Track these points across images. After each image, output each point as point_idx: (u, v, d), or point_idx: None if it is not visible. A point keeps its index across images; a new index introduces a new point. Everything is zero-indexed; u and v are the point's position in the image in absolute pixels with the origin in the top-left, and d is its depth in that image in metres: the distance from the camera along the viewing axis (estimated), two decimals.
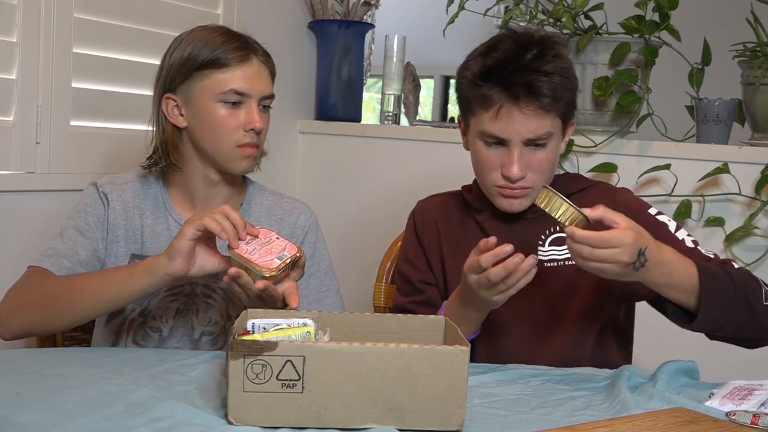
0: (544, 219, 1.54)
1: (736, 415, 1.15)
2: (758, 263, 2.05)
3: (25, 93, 1.92)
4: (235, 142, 1.55)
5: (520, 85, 1.44)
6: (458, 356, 1.07)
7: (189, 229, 1.36)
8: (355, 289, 2.21)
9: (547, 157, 1.50)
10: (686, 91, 2.20)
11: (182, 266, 1.37)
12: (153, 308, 1.59)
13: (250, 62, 1.56)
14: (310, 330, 1.15)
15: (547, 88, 1.44)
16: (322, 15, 2.71)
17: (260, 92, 1.56)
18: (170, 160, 1.60)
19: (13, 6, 1.88)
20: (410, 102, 2.76)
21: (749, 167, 2.06)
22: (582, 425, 1.11)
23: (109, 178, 1.65)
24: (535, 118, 1.46)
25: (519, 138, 1.47)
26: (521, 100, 1.44)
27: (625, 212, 1.51)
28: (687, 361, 1.41)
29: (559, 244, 1.55)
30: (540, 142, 1.48)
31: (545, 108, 1.45)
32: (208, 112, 1.55)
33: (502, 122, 1.46)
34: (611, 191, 1.61)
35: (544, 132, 1.47)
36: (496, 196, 1.53)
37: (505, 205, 1.52)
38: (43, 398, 1.12)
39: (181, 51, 1.56)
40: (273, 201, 1.71)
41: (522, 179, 1.49)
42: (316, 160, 2.77)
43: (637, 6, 2.14)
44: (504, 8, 2.46)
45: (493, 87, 1.46)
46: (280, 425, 1.06)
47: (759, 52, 2.06)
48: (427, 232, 1.65)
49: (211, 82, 1.54)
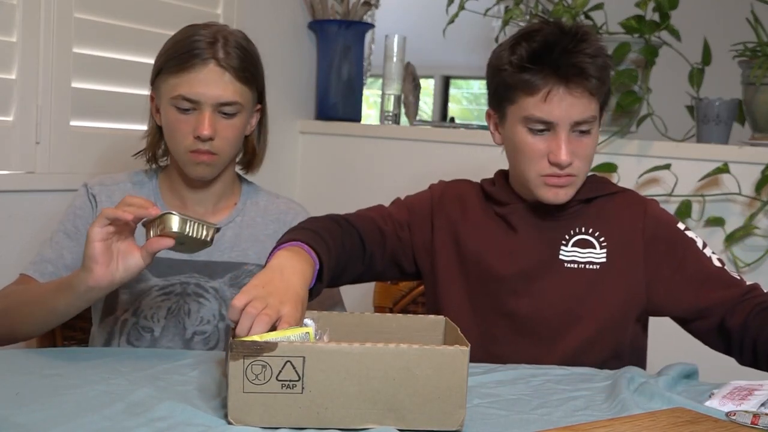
0: (572, 218, 1.54)
1: (736, 415, 1.15)
2: (758, 263, 2.05)
3: (25, 93, 1.92)
4: (186, 148, 1.53)
5: (569, 66, 1.42)
6: (458, 356, 1.07)
7: (93, 230, 1.25)
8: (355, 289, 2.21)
9: (590, 143, 1.48)
10: (686, 91, 2.20)
11: (102, 274, 1.26)
12: (144, 308, 1.58)
13: (205, 67, 1.50)
14: (310, 330, 1.15)
15: (594, 69, 1.42)
16: (322, 15, 2.71)
17: (212, 99, 1.50)
18: (153, 155, 1.62)
19: (13, 6, 1.88)
20: (410, 102, 2.76)
21: (749, 167, 2.06)
22: (582, 425, 1.11)
23: (99, 179, 1.65)
24: (583, 100, 1.43)
25: (568, 121, 1.44)
26: (571, 82, 1.42)
27: (655, 226, 1.52)
28: (688, 364, 1.41)
29: (583, 247, 1.53)
30: (585, 127, 1.45)
31: (591, 90, 1.44)
32: (165, 114, 1.55)
33: (551, 105, 1.43)
34: (641, 202, 1.57)
35: (590, 116, 1.45)
36: (541, 186, 1.48)
37: (550, 196, 1.48)
38: (43, 398, 1.12)
39: (162, 49, 1.57)
40: (268, 201, 1.70)
41: (569, 166, 1.45)
42: (316, 160, 2.77)
43: (637, 6, 2.14)
44: (504, 8, 2.46)
45: (540, 70, 1.43)
46: (280, 426, 1.05)
47: (759, 52, 2.06)
48: (443, 208, 1.61)
49: (166, 85, 1.53)
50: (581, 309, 1.51)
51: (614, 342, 1.52)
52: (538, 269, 1.52)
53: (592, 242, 1.53)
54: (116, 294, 1.57)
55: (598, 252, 1.52)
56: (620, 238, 1.52)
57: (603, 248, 1.52)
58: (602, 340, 1.51)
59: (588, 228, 1.53)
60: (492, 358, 1.47)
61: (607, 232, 1.53)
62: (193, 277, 1.59)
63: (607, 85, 1.48)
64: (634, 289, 1.51)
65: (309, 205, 1.80)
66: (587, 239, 1.53)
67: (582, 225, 1.53)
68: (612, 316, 1.51)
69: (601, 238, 1.52)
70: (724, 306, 1.46)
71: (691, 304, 1.49)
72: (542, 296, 1.51)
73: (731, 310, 1.45)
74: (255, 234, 1.65)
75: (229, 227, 1.64)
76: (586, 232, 1.53)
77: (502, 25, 2.30)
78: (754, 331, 1.41)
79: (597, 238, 1.53)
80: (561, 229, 1.54)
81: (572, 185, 1.49)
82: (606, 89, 1.48)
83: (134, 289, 1.58)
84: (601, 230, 1.53)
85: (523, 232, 1.54)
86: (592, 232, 1.53)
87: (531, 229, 1.54)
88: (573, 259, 1.52)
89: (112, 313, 1.59)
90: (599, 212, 1.55)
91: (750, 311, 1.43)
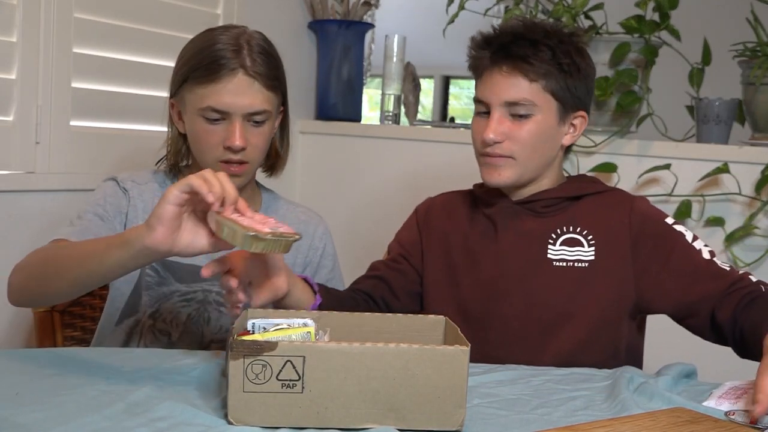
0: (556, 215, 1.55)
1: (735, 414, 1.15)
2: (758, 263, 2.05)
3: (25, 93, 1.92)
4: (215, 158, 1.51)
5: (503, 48, 1.50)
6: (458, 356, 1.07)
7: (172, 191, 1.13)
8: None
9: (529, 129, 1.50)
10: (686, 91, 2.20)
11: (163, 237, 1.14)
12: (164, 311, 1.57)
13: (234, 77, 1.47)
14: (311, 330, 1.15)
15: (530, 54, 1.48)
16: (322, 15, 2.71)
17: (243, 109, 1.48)
18: (175, 162, 1.58)
19: (13, 6, 1.88)
20: (410, 102, 2.77)
21: (749, 167, 2.06)
22: (582, 425, 1.11)
23: (129, 175, 1.61)
24: (514, 81, 1.49)
25: (497, 101, 1.50)
26: (502, 63, 1.49)
27: (642, 222, 1.53)
28: (686, 364, 1.41)
29: (571, 245, 1.54)
30: (522, 111, 1.49)
31: (526, 74, 1.48)
32: (192, 125, 1.52)
33: (485, 86, 1.52)
34: (628, 199, 1.58)
35: (522, 98, 1.49)
36: (481, 167, 1.55)
37: (486, 176, 1.54)
38: (43, 398, 1.12)
39: (180, 57, 1.54)
40: (288, 210, 1.69)
41: (498, 145, 1.50)
42: (316, 160, 2.77)
43: (637, 6, 2.14)
44: (504, 8, 2.46)
45: (482, 53, 1.53)
46: (280, 425, 1.05)
47: (759, 52, 2.06)
48: (429, 225, 1.65)
49: (194, 96, 1.50)
50: (572, 307, 1.51)
51: (608, 342, 1.52)
52: (526, 269, 1.53)
53: (580, 240, 1.53)
54: (139, 295, 1.57)
55: (586, 250, 1.53)
56: (608, 235, 1.53)
57: (591, 246, 1.53)
58: (595, 340, 1.51)
59: (576, 227, 1.54)
60: (486, 361, 1.46)
61: (594, 229, 1.54)
62: (215, 286, 1.58)
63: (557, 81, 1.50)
64: (624, 286, 1.51)
65: (309, 204, 1.81)
66: (575, 238, 1.53)
67: (570, 224, 1.55)
68: (603, 315, 1.52)
69: (589, 237, 1.53)
70: (713, 299, 1.44)
71: (679, 299, 1.48)
72: (532, 296, 1.52)
73: (720, 303, 1.43)
74: None
75: None
76: (574, 231, 1.54)
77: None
78: (742, 323, 1.39)
79: (585, 237, 1.53)
80: (547, 227, 1.55)
81: (506, 167, 1.52)
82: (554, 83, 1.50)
83: (156, 291, 1.57)
84: (589, 228, 1.54)
85: (511, 233, 1.56)
86: (580, 230, 1.54)
87: (518, 229, 1.56)
88: (561, 258, 1.53)
89: (134, 315, 1.58)
90: (587, 210, 1.56)
91: (737, 303, 1.41)
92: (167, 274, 1.57)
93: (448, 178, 2.41)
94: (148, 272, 1.57)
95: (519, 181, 1.54)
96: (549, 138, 1.54)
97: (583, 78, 1.53)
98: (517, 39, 1.50)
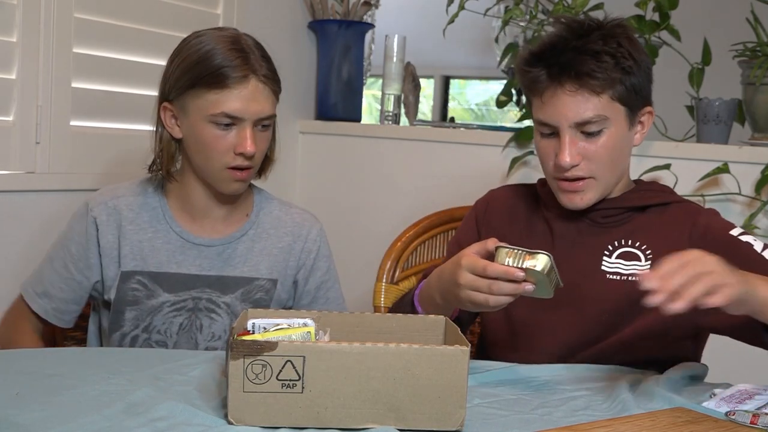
0: (616, 226, 1.48)
1: (735, 414, 1.15)
2: None
3: (25, 93, 1.92)
4: (224, 164, 1.51)
5: (561, 65, 1.39)
6: (458, 356, 1.07)
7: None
8: (355, 289, 2.21)
9: (604, 144, 1.43)
10: (686, 91, 2.20)
11: None
12: (156, 324, 1.57)
13: (247, 83, 1.48)
14: (311, 330, 1.15)
15: (594, 68, 1.38)
16: (322, 15, 2.71)
17: (255, 115, 1.50)
18: (167, 169, 1.57)
19: (13, 6, 1.88)
20: (410, 102, 2.76)
21: (749, 167, 2.06)
22: (582, 425, 1.11)
23: (101, 196, 1.60)
24: (582, 100, 1.40)
25: (567, 123, 1.41)
26: (564, 81, 1.40)
27: (703, 235, 1.43)
28: (696, 365, 1.38)
29: (628, 259, 1.47)
30: (593, 129, 1.42)
31: (592, 89, 1.40)
32: (200, 131, 1.51)
33: (549, 108, 1.42)
34: (695, 212, 1.50)
35: (594, 115, 1.41)
36: (558, 191, 1.47)
37: (566, 201, 1.46)
38: (43, 398, 1.12)
39: (181, 61, 1.51)
40: (281, 211, 1.68)
41: (576, 168, 1.42)
42: (316, 160, 2.77)
43: (637, 6, 2.14)
44: (504, 8, 2.46)
45: (539, 71, 1.42)
46: (280, 425, 1.06)
47: (759, 52, 2.06)
48: (489, 224, 1.59)
49: (204, 102, 1.49)
50: (621, 323, 1.45)
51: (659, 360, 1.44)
52: (578, 279, 1.45)
53: (638, 255, 1.47)
54: (122, 311, 1.57)
55: (642, 264, 1.46)
56: (667, 250, 1.35)
57: (648, 260, 1.46)
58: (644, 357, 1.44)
59: (635, 241, 1.48)
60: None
61: (653, 244, 1.47)
62: (205, 293, 1.58)
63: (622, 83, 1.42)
64: None
65: (309, 205, 1.80)
66: (632, 252, 1.47)
67: (628, 237, 1.48)
68: (654, 332, 1.43)
69: (647, 251, 1.47)
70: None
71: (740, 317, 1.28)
72: (582, 307, 1.46)
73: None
74: (267, 247, 1.63)
75: (241, 241, 1.61)
76: (632, 245, 1.47)
77: (502, 25, 2.30)
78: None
79: (643, 251, 1.47)
80: (605, 238, 1.49)
81: (587, 189, 1.45)
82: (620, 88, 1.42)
83: (145, 305, 1.57)
84: (648, 243, 1.47)
85: (567, 241, 1.50)
86: (639, 245, 1.47)
87: (573, 235, 1.50)
88: (616, 271, 1.47)
89: (118, 330, 1.58)
90: (648, 223, 1.49)
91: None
92: (155, 286, 1.57)
93: (448, 178, 2.41)
94: (135, 287, 1.57)
95: (601, 198, 1.48)
96: (624, 146, 1.48)
97: (643, 72, 1.45)
98: (574, 51, 1.40)
